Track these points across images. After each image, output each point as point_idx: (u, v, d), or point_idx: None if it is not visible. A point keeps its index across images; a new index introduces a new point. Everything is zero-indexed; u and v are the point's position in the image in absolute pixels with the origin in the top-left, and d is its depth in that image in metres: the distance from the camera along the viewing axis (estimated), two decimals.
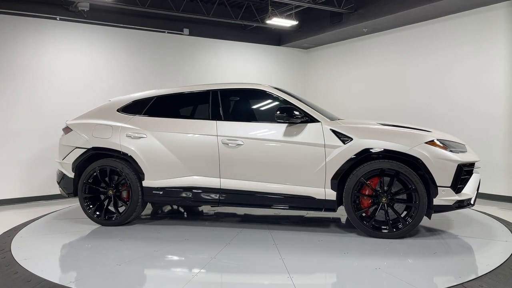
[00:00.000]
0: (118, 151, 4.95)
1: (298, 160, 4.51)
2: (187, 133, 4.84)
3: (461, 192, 4.31)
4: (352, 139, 4.38)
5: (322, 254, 3.98)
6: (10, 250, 4.16)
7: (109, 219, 5.03)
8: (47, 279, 3.38)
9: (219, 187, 4.71)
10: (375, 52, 8.91)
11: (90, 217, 5.06)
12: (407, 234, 4.40)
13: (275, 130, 4.62)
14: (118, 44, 8.02)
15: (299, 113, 4.55)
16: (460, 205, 4.32)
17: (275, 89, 4.94)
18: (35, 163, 7.02)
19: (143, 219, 5.42)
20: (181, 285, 3.24)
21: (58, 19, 7.43)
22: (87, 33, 7.67)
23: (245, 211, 5.87)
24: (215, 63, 9.25)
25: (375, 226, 4.43)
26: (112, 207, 5.05)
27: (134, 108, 5.16)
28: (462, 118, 7.19)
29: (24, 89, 7.02)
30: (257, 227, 4.96)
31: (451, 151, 4.32)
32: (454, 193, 4.25)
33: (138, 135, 4.93)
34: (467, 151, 4.52)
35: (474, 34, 7.03)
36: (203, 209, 6.07)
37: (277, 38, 10.37)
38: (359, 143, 4.35)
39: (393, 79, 8.50)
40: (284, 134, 4.57)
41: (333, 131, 4.47)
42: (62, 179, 5.26)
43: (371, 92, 8.98)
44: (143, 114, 5.08)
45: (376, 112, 8.67)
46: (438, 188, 4.22)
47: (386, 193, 4.37)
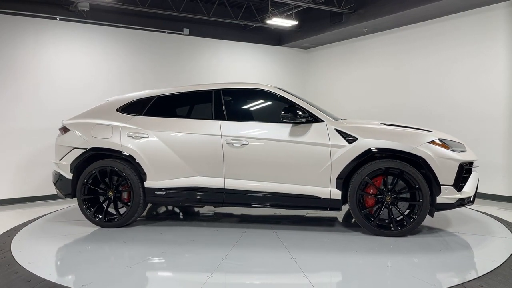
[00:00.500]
0: (119, 152, 4.88)
1: (304, 160, 4.53)
2: (190, 133, 4.80)
3: (462, 191, 4.40)
4: (357, 139, 4.44)
5: (332, 253, 4.02)
6: (10, 250, 4.15)
7: (110, 221, 4.96)
8: (47, 279, 3.37)
9: (223, 187, 4.69)
10: (375, 52, 8.91)
11: (90, 219, 4.97)
12: (410, 232, 4.48)
13: (280, 130, 4.63)
14: (118, 44, 8.02)
15: (304, 113, 4.58)
16: (461, 203, 4.41)
17: (279, 90, 4.95)
18: (35, 163, 7.01)
19: (144, 221, 5.39)
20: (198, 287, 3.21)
21: (58, 19, 7.43)
22: (87, 33, 7.67)
23: (243, 211, 5.86)
24: (215, 63, 9.25)
25: (380, 225, 4.49)
26: (112, 209, 4.99)
27: (134, 108, 5.09)
28: (462, 118, 7.18)
29: (24, 89, 7.02)
30: (261, 227, 4.95)
31: (453, 151, 4.42)
32: (456, 192, 4.35)
33: (140, 135, 4.88)
34: (467, 151, 4.60)
35: (474, 34, 7.03)
36: (199, 210, 6.03)
37: (277, 38, 10.37)
38: (364, 143, 4.41)
39: (393, 79, 8.50)
40: (290, 134, 4.58)
41: (338, 131, 4.52)
42: (59, 180, 5.14)
43: (371, 92, 8.98)
44: (144, 114, 5.02)
45: (376, 112, 8.67)
46: (441, 187, 4.31)
47: (391, 192, 4.44)
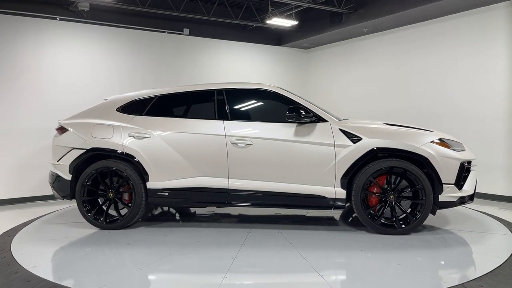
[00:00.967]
0: (121, 152, 4.81)
1: (309, 160, 4.56)
2: (194, 133, 4.75)
3: (462, 189, 4.51)
4: (362, 139, 4.49)
5: (341, 251, 4.07)
6: (10, 250, 4.15)
7: (111, 223, 4.86)
8: (47, 279, 3.37)
9: (228, 188, 4.67)
10: (375, 52, 8.91)
11: (89, 221, 4.88)
12: (413, 230, 4.56)
13: (285, 130, 4.65)
14: (118, 44, 8.02)
15: (309, 113, 4.62)
16: (462, 201, 4.52)
17: (282, 90, 4.96)
18: (35, 163, 7.00)
19: (143, 222, 5.29)
20: None
21: (58, 19, 7.43)
22: (87, 33, 7.67)
23: (241, 211, 5.84)
24: (215, 63, 9.24)
25: (384, 223, 4.57)
26: (112, 210, 4.91)
27: (135, 108, 5.02)
28: (462, 118, 7.18)
29: (24, 89, 7.01)
30: (265, 227, 4.95)
31: (454, 150, 4.53)
32: (458, 190, 4.46)
33: (142, 135, 4.81)
34: (465, 150, 4.70)
35: (474, 34, 7.03)
36: (196, 211, 5.95)
37: (277, 38, 10.37)
38: (369, 143, 4.47)
39: (393, 79, 8.50)
40: (295, 134, 4.61)
41: (342, 131, 4.57)
42: (57, 181, 5.03)
43: (371, 92, 8.98)
44: (146, 114, 4.95)
45: (376, 112, 8.66)
46: (443, 185, 4.41)
47: (394, 191, 4.51)
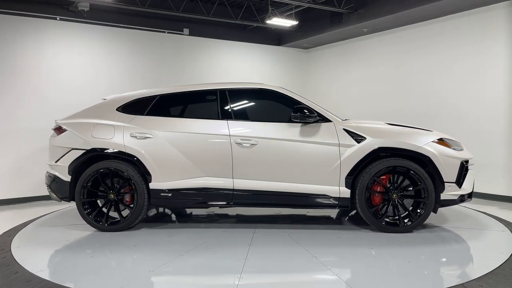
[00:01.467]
0: (122, 152, 4.72)
1: (314, 159, 4.59)
2: (197, 133, 4.71)
3: (462, 187, 4.59)
4: (366, 138, 4.54)
5: (351, 250, 4.10)
6: (10, 250, 4.15)
7: (112, 224, 4.79)
8: (47, 279, 3.36)
9: (232, 188, 4.66)
10: (375, 52, 8.91)
11: (90, 223, 4.78)
12: (416, 228, 4.63)
13: (289, 130, 4.67)
14: (118, 44, 8.02)
15: (313, 113, 4.64)
16: (462, 199, 4.61)
17: (285, 90, 4.97)
18: (35, 163, 7.00)
19: (145, 223, 5.19)
20: None
21: (58, 19, 7.43)
22: (87, 33, 7.67)
23: (239, 212, 5.82)
24: (215, 63, 9.25)
25: (387, 221, 4.62)
26: (114, 212, 4.84)
27: (136, 107, 4.93)
28: (462, 118, 7.18)
29: (24, 89, 7.01)
30: (269, 227, 4.94)
31: (454, 149, 4.61)
32: (458, 188, 4.56)
33: (144, 136, 4.73)
34: (464, 149, 4.78)
35: (474, 34, 7.03)
36: (192, 211, 5.91)
37: (277, 38, 10.37)
38: (373, 142, 4.52)
39: (393, 79, 8.50)
40: (300, 134, 4.63)
41: (346, 131, 4.61)
42: (55, 183, 4.90)
43: (371, 92, 8.98)
44: (147, 114, 4.88)
45: (376, 111, 8.66)
46: (445, 184, 4.50)
47: (397, 190, 4.57)
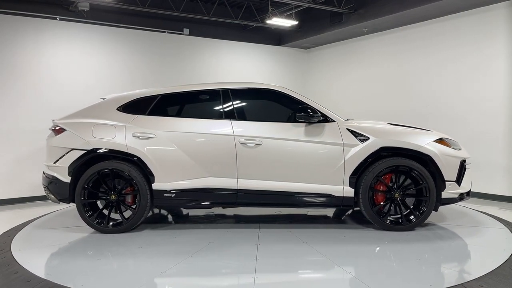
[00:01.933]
0: (124, 152, 4.64)
1: (318, 159, 4.63)
2: (201, 133, 4.68)
3: (461, 186, 4.68)
4: (369, 138, 4.58)
5: (358, 248, 4.13)
6: (10, 250, 4.15)
7: (114, 226, 4.72)
8: (47, 279, 3.36)
9: (236, 188, 4.64)
10: (375, 52, 8.91)
11: (91, 225, 4.70)
12: (418, 226, 4.70)
13: (293, 130, 4.68)
14: (118, 44, 8.02)
15: (317, 113, 4.67)
16: (461, 197, 4.71)
17: (288, 90, 4.98)
18: (35, 163, 6.98)
19: (147, 225, 5.13)
20: None
21: (58, 19, 7.43)
22: (87, 33, 7.67)
23: (238, 212, 5.82)
24: (215, 63, 9.25)
25: (391, 220, 4.69)
26: (114, 213, 4.78)
27: (137, 107, 4.87)
28: (462, 118, 7.18)
29: (24, 89, 7.01)
30: (273, 227, 4.94)
31: (454, 149, 4.69)
32: (458, 186, 4.64)
33: (146, 135, 4.67)
34: (461, 149, 4.85)
35: (474, 34, 7.03)
36: (189, 212, 5.87)
37: (277, 38, 10.37)
38: (377, 142, 4.58)
39: (393, 79, 8.50)
40: (304, 134, 4.66)
41: (350, 131, 4.65)
42: (53, 184, 4.79)
43: (371, 92, 8.98)
44: (149, 113, 4.82)
45: (377, 111, 8.66)
46: (446, 183, 4.58)
47: (400, 189, 4.62)
